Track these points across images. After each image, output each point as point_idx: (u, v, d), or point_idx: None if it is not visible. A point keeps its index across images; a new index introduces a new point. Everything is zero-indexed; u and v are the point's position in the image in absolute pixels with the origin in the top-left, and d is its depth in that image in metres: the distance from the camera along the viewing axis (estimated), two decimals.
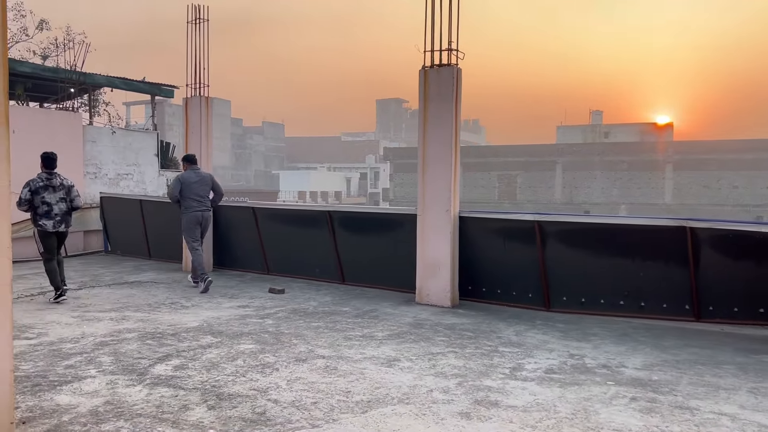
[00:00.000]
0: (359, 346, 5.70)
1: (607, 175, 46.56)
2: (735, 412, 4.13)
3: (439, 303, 7.65)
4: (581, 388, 4.59)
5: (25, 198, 7.73)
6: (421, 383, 4.67)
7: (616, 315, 6.96)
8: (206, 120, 10.35)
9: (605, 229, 7.22)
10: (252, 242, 10.12)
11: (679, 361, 5.32)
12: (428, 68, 7.69)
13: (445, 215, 7.61)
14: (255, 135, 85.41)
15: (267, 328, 6.40)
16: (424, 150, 7.76)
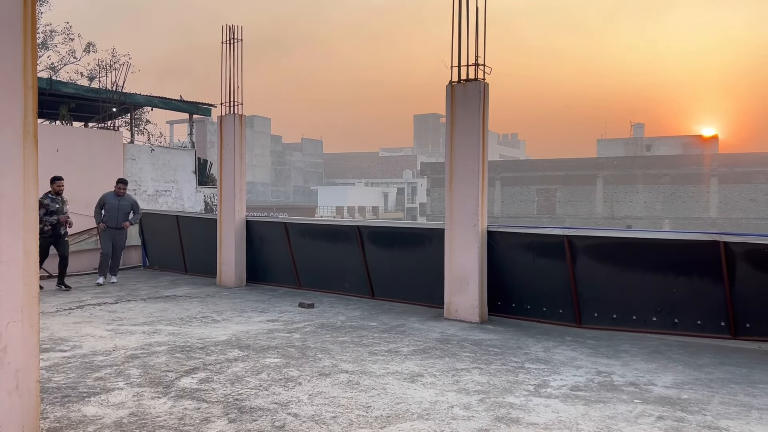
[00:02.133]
0: (383, 361, 5.70)
1: (650, 189, 45.55)
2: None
3: (468, 318, 7.58)
4: (606, 406, 4.48)
5: None
6: (443, 399, 4.64)
7: (648, 332, 6.78)
8: (240, 137, 10.57)
9: (636, 244, 7.06)
10: (284, 257, 10.24)
11: (712, 380, 5.15)
12: (455, 83, 7.71)
13: (472, 230, 7.57)
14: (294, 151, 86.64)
15: (294, 342, 6.45)
16: (451, 165, 7.75)
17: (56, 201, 9.76)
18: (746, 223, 41.15)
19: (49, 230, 9.65)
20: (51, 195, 9.71)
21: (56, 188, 9.78)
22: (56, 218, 9.67)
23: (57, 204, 9.77)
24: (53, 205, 9.72)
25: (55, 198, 9.75)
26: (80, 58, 25.51)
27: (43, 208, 9.54)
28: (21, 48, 3.30)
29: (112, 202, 10.50)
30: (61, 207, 9.83)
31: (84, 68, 25.52)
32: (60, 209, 9.81)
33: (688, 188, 44.58)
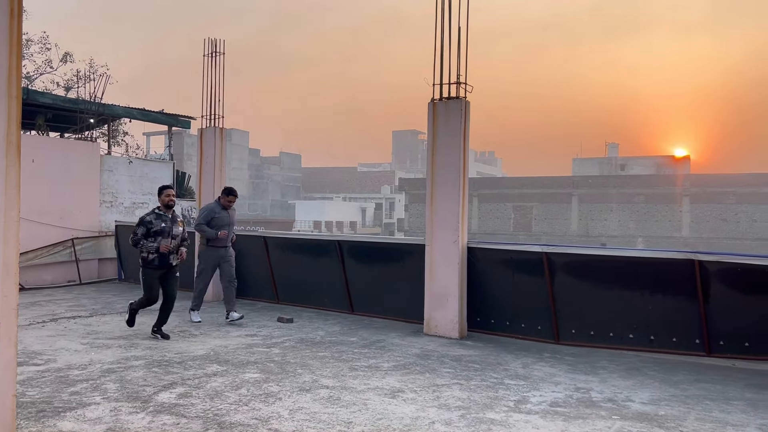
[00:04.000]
0: (364, 377, 5.69)
1: (624, 207, 46.26)
2: None
3: (447, 334, 7.61)
4: (585, 422, 4.53)
5: None
6: (424, 415, 4.64)
7: (625, 348, 6.87)
8: (220, 150, 10.53)
9: (613, 261, 7.18)
10: (262, 271, 10.18)
11: (688, 396, 5.24)
12: (437, 101, 7.80)
13: (453, 246, 7.62)
14: (272, 165, 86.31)
15: (273, 357, 6.41)
16: (432, 181, 7.81)
17: (164, 218, 7.19)
18: (717, 242, 41.98)
19: (154, 259, 7.12)
20: (158, 210, 7.26)
21: (165, 200, 7.27)
22: (156, 245, 7.07)
23: (164, 222, 7.15)
24: (158, 224, 7.11)
25: (162, 214, 7.21)
26: (57, 68, 25.23)
27: (142, 227, 7.10)
28: (6, 58, 3.28)
29: (222, 215, 8.48)
30: (169, 227, 7.18)
31: (60, 78, 25.24)
32: (168, 229, 7.15)
33: (661, 207, 45.38)
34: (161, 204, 7.28)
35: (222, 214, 8.49)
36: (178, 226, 7.30)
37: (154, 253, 7.08)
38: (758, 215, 42.50)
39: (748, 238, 42.17)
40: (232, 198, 8.59)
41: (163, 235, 7.10)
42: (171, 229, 7.19)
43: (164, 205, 7.27)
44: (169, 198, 7.29)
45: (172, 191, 7.39)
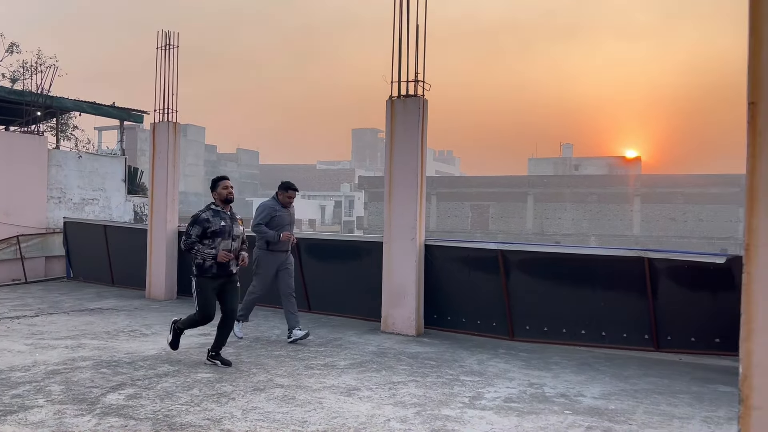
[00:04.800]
0: (320, 375, 5.64)
1: (578, 206, 47.28)
2: None
3: (404, 332, 7.62)
4: (538, 417, 4.59)
5: None
6: (379, 412, 4.63)
7: (578, 344, 7.01)
8: (174, 145, 10.29)
9: (566, 259, 7.31)
10: None
11: (637, 391, 5.36)
12: (395, 98, 7.79)
13: (410, 243, 7.64)
14: (229, 162, 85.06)
15: (227, 356, 6.28)
16: (390, 179, 7.81)
17: (222, 215, 5.85)
18: (666, 240, 43.32)
19: (212, 265, 5.75)
20: (214, 206, 5.92)
21: (224, 193, 5.93)
22: (215, 252, 5.74)
23: (223, 220, 5.81)
24: (216, 222, 5.76)
25: (220, 211, 5.88)
26: (2, 59, 24.24)
27: (197, 227, 5.73)
28: None
29: (282, 214, 7.25)
30: (230, 226, 5.84)
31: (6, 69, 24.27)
32: (228, 229, 5.81)
33: (613, 207, 46.55)
34: (218, 198, 5.90)
35: (282, 212, 7.27)
36: (239, 224, 5.96)
37: (211, 260, 5.71)
38: (704, 215, 44.05)
39: (695, 237, 43.66)
40: (292, 193, 7.35)
41: (222, 236, 5.72)
42: (232, 229, 5.81)
43: (222, 199, 5.89)
44: (228, 191, 5.91)
45: (230, 183, 6.05)
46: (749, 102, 1.76)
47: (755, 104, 1.75)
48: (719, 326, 6.35)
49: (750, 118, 1.76)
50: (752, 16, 1.77)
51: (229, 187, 5.97)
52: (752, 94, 1.75)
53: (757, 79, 1.76)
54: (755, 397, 1.66)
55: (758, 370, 1.66)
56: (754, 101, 1.75)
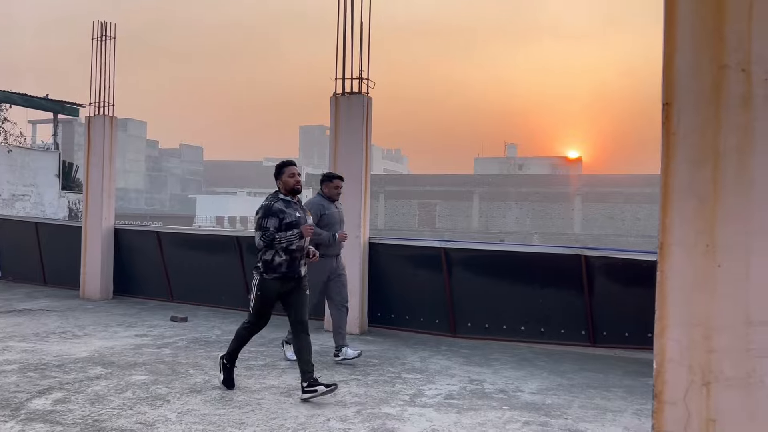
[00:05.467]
0: (260, 376, 5.54)
1: (521, 205, 48.29)
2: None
3: (348, 330, 7.55)
4: (477, 413, 4.64)
5: None
6: (319, 412, 4.58)
7: (518, 341, 7.13)
8: (110, 140, 9.93)
9: (507, 256, 7.43)
10: (156, 268, 9.71)
11: (573, 385, 5.49)
12: (339, 96, 7.74)
13: (355, 241, 7.58)
14: (172, 157, 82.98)
15: (163, 358, 6.11)
16: None
17: (293, 206, 5.06)
18: (605, 238, 44.72)
19: (282, 263, 4.94)
20: (282, 196, 5.08)
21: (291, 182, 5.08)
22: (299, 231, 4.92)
23: (296, 212, 5.04)
24: (290, 214, 4.97)
25: (290, 201, 5.07)
26: None
27: (273, 218, 4.92)
28: None
29: (332, 211, 6.25)
30: (304, 218, 5.07)
31: None
32: (303, 221, 5.03)
33: (555, 206, 47.77)
34: (284, 188, 5.05)
35: (331, 209, 6.23)
36: (308, 216, 5.18)
37: (295, 239, 4.84)
38: (641, 214, 45.73)
39: (632, 235, 45.26)
40: (338, 182, 6.19)
41: (296, 227, 4.92)
42: (306, 222, 5.04)
43: (289, 189, 5.05)
44: (295, 179, 5.07)
45: (297, 169, 5.19)
46: (664, 103, 1.81)
47: (669, 105, 1.81)
48: (651, 322, 6.54)
49: (664, 119, 1.81)
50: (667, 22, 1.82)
51: (296, 175, 5.11)
52: (666, 95, 1.80)
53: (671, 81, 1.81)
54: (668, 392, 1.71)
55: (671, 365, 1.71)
56: (669, 102, 1.81)
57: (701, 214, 1.75)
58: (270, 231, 4.87)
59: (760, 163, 1.74)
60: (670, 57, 1.81)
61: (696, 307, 1.73)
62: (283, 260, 4.91)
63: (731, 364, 1.71)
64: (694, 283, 1.74)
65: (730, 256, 1.75)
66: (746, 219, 1.73)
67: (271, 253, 4.91)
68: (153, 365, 5.79)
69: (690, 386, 1.70)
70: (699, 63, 1.80)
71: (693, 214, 1.76)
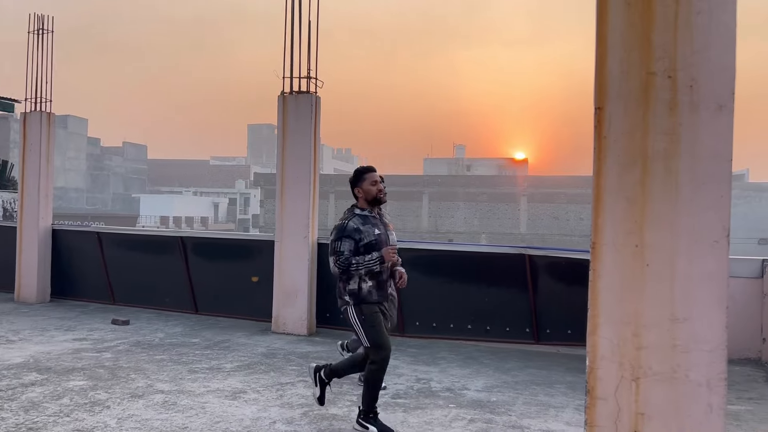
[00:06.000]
0: (204, 379, 5.43)
1: (469, 205, 49.02)
2: (561, 429, 4.40)
3: (295, 331, 7.52)
4: (424, 412, 4.68)
5: None
6: (265, 415, 4.53)
7: (464, 339, 7.22)
8: (47, 137, 9.56)
9: (454, 256, 7.52)
10: (96, 270, 9.40)
11: (517, 382, 5.61)
12: (287, 94, 7.67)
13: (303, 242, 7.55)
14: (114, 156, 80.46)
15: (103, 362, 5.92)
16: (282, 176, 7.68)
17: (372, 220, 4.33)
18: (550, 238, 45.89)
19: (371, 290, 4.25)
20: (360, 210, 4.37)
21: (372, 191, 4.36)
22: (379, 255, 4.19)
23: (376, 227, 4.30)
24: (368, 232, 4.25)
25: (369, 215, 4.35)
26: None
27: (347, 241, 4.23)
28: None
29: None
30: (385, 234, 4.34)
31: None
32: (385, 238, 4.31)
33: (502, 206, 48.70)
34: (364, 197, 4.36)
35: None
36: (391, 232, 4.43)
37: (376, 263, 4.15)
38: (585, 214, 47.06)
39: (576, 235, 46.56)
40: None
41: (378, 248, 4.20)
42: (387, 239, 4.32)
43: (371, 199, 4.36)
44: (379, 188, 4.36)
45: (378, 176, 4.42)
46: (596, 107, 1.88)
47: (601, 109, 1.88)
48: None
49: (596, 123, 1.88)
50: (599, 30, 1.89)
51: (379, 182, 4.37)
52: (598, 100, 1.87)
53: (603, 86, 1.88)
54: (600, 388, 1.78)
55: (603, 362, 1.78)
56: (600, 106, 1.88)
57: (630, 215, 1.83)
58: (345, 255, 4.18)
59: (684, 167, 1.83)
60: (602, 63, 1.88)
61: (626, 306, 1.80)
62: (371, 286, 4.21)
63: (658, 360, 1.79)
64: (624, 282, 1.81)
65: (658, 255, 1.83)
66: (672, 220, 1.82)
67: (356, 281, 4.23)
68: (92, 370, 5.60)
69: (620, 382, 1.78)
70: (629, 69, 1.88)
71: (623, 216, 1.83)
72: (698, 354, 1.81)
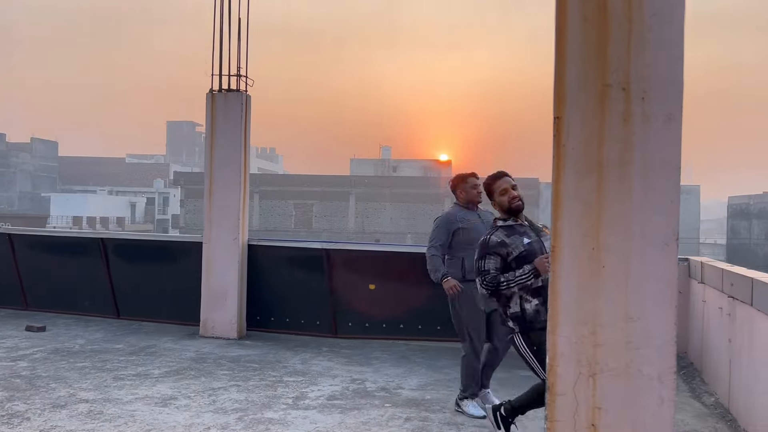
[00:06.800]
0: (131, 386, 5.23)
1: (396, 206, 49.53)
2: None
3: (225, 335, 7.36)
4: (360, 413, 4.70)
5: None
6: (199, 421, 4.42)
7: (397, 338, 7.30)
8: None
9: (387, 256, 7.60)
10: (7, 274, 8.83)
11: (450, 380, 5.73)
12: (216, 92, 7.50)
13: (233, 243, 7.40)
14: (21, 152, 75.77)
15: (19, 371, 5.59)
16: (211, 176, 7.50)
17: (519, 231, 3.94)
18: None
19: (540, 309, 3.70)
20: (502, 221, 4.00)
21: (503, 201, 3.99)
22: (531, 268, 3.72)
23: (525, 237, 3.91)
24: (516, 243, 3.86)
25: (514, 225, 3.96)
26: None
27: (493, 258, 3.82)
28: None
29: (474, 222, 4.87)
30: (539, 242, 3.95)
31: None
32: (539, 247, 3.89)
33: (427, 207, 49.48)
34: (500, 209, 4.02)
35: (473, 218, 4.90)
36: (546, 237, 3.94)
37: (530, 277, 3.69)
38: None
39: None
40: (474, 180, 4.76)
41: (529, 260, 3.76)
42: (543, 247, 3.89)
43: (506, 209, 3.99)
44: (511, 195, 3.97)
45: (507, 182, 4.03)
46: (555, 116, 1.99)
47: (560, 118, 1.98)
48: None
49: (555, 131, 1.98)
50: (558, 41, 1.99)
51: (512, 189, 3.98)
52: (557, 109, 1.97)
53: (561, 96, 1.98)
54: (559, 385, 1.87)
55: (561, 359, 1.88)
56: (559, 116, 1.98)
57: (587, 219, 1.94)
58: (491, 275, 3.77)
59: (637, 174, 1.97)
60: (561, 74, 1.99)
61: (584, 306, 1.91)
62: (536, 305, 3.71)
63: (614, 357, 1.91)
64: (582, 283, 1.92)
65: (613, 257, 1.95)
66: (626, 224, 1.94)
67: (516, 302, 3.75)
68: (7, 380, 5.27)
69: (578, 378, 1.88)
70: (586, 80, 1.99)
71: (580, 219, 1.94)
72: (649, 350, 1.94)
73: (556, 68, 1.97)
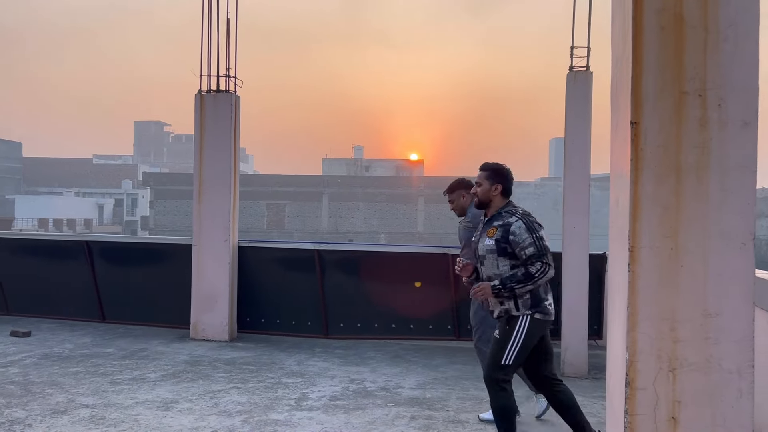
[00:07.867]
0: (129, 391, 5.18)
1: (369, 206, 49.53)
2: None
3: (216, 337, 7.32)
4: (365, 412, 4.74)
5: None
6: (204, 424, 4.41)
7: (389, 338, 7.36)
8: None
9: (378, 256, 7.67)
10: None
11: (447, 378, 5.81)
12: (204, 93, 7.46)
13: (223, 245, 7.36)
14: None
15: (12, 377, 5.48)
16: (200, 178, 7.44)
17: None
18: (446, 237, 47.33)
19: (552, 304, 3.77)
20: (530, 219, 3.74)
21: None
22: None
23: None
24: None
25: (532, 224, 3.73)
26: None
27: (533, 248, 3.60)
28: None
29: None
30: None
31: None
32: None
33: (400, 206, 49.63)
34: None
35: None
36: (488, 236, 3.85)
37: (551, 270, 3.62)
38: None
39: None
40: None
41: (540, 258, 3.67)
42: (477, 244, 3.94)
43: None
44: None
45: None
46: (632, 121, 2.09)
47: (637, 124, 2.08)
48: None
49: (633, 136, 2.09)
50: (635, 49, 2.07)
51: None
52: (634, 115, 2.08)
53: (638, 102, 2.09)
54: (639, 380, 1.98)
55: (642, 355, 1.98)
56: (636, 121, 2.08)
57: (666, 221, 2.06)
58: (548, 259, 3.60)
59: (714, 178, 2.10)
60: (638, 81, 2.10)
61: (663, 303, 2.02)
62: (551, 301, 3.71)
63: (693, 352, 2.02)
64: (661, 281, 2.03)
65: (691, 257, 2.08)
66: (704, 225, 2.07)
67: (544, 289, 3.68)
68: (1, 387, 5.18)
69: (658, 373, 1.99)
70: (663, 88, 2.11)
71: (659, 221, 2.06)
72: (729, 345, 2.06)
73: (633, 74, 2.09)
